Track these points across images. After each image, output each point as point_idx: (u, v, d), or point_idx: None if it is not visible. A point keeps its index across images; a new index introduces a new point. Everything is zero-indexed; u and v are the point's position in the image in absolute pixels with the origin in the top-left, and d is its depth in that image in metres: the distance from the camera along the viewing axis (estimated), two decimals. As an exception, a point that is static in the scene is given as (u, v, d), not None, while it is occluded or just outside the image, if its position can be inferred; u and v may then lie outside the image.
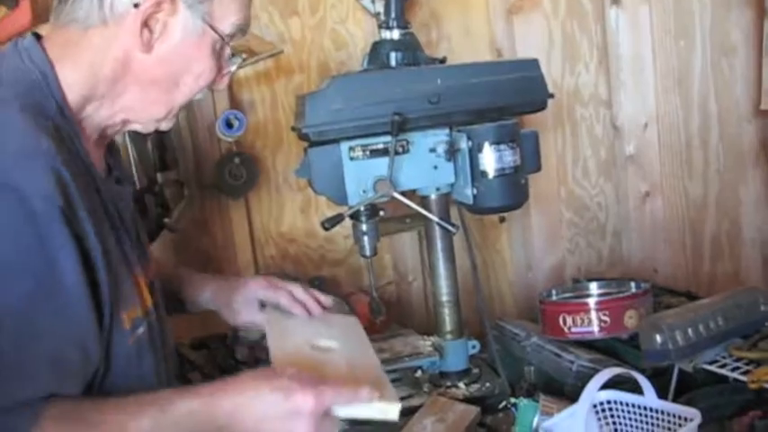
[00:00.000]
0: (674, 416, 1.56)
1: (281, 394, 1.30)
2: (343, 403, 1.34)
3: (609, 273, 2.81)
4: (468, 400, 1.97)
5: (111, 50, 1.42)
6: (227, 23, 1.48)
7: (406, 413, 1.91)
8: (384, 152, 1.90)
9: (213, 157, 2.46)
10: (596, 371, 1.60)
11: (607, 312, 1.98)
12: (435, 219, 1.99)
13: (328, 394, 1.32)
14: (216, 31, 1.46)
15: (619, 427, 1.64)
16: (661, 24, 2.74)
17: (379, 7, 2.12)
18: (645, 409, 1.60)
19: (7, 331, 1.22)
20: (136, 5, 1.39)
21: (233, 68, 1.57)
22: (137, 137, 2.23)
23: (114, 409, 1.30)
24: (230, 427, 1.30)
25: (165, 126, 1.57)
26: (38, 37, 1.48)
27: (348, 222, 1.97)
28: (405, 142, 1.94)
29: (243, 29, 1.51)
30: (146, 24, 1.41)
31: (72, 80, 1.42)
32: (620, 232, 2.87)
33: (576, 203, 2.83)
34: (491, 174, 1.90)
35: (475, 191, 1.92)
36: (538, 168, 2.05)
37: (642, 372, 1.66)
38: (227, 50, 1.52)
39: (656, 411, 1.59)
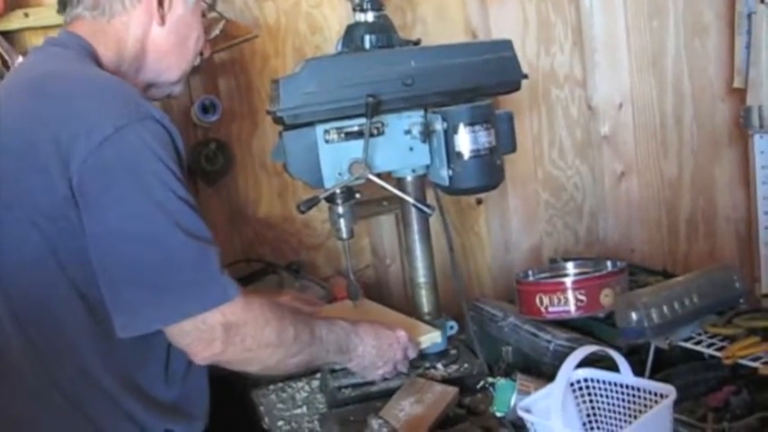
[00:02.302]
0: (651, 393, 1.56)
1: (390, 330, 1.88)
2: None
3: (586, 253, 2.83)
4: (446, 380, 1.98)
5: (131, 31, 1.77)
6: None
7: (385, 395, 1.92)
8: (359, 134, 1.90)
9: (189, 142, 2.45)
10: (573, 350, 1.60)
11: (583, 291, 1.99)
12: (411, 200, 1.99)
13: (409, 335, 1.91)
14: (204, 0, 1.87)
15: (596, 404, 1.65)
16: (634, 5, 2.75)
17: (354, -10, 2.11)
18: (621, 386, 1.61)
19: (194, 217, 1.55)
20: None
21: (217, 31, 2.02)
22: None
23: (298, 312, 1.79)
24: (357, 347, 1.82)
25: (177, 90, 1.94)
26: None
27: (325, 206, 1.98)
28: (380, 124, 1.94)
29: (214, 3, 1.94)
30: (158, 3, 1.77)
31: (106, 59, 1.75)
32: (596, 213, 2.88)
33: (552, 184, 2.84)
34: (466, 155, 1.90)
35: (450, 172, 1.92)
36: (513, 149, 2.06)
37: (618, 350, 1.66)
38: (207, 17, 1.92)
39: (633, 389, 1.59)
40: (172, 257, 1.52)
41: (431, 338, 1.98)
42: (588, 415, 1.65)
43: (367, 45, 2.01)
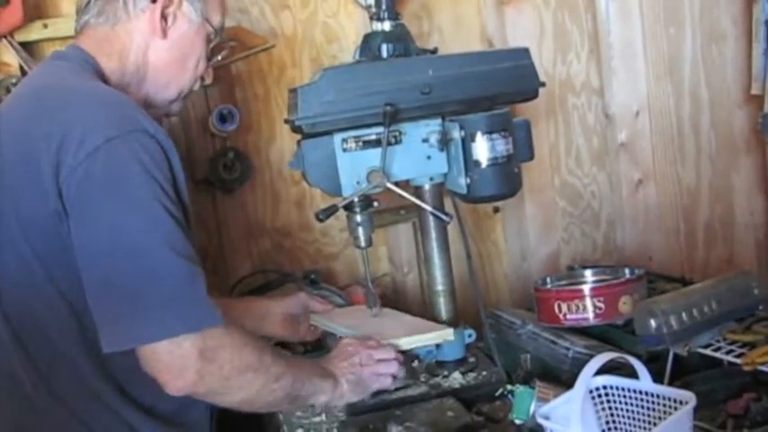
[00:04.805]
0: (670, 399, 1.56)
1: (335, 347, 1.92)
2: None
3: (604, 261, 2.82)
4: (465, 388, 1.99)
5: (134, 41, 1.77)
6: (215, 21, 1.85)
7: (405, 402, 1.93)
8: (377, 143, 1.91)
9: (207, 152, 2.47)
10: (592, 357, 1.60)
11: (602, 299, 1.99)
12: (429, 208, 2.00)
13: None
14: (210, 24, 1.83)
15: (615, 411, 1.64)
16: (651, 12, 2.75)
17: (371, -1, 2.12)
18: (640, 393, 1.61)
19: (181, 236, 1.53)
20: (153, 0, 1.75)
21: (219, 58, 1.94)
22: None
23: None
24: (333, 370, 1.83)
25: (175, 108, 1.90)
26: None
27: (343, 215, 1.98)
28: (397, 133, 1.94)
29: (221, 29, 1.89)
30: (162, 15, 1.76)
31: (109, 70, 1.76)
32: (613, 220, 2.88)
33: (569, 192, 2.84)
34: (484, 163, 1.91)
35: (468, 180, 1.93)
36: (531, 157, 2.06)
37: (637, 357, 1.66)
38: (212, 44, 1.87)
39: (652, 395, 1.59)
40: (156, 274, 1.50)
41: (443, 335, 1.96)
42: (607, 422, 1.65)
43: (384, 54, 2.01)
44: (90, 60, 1.74)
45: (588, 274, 2.28)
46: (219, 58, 1.95)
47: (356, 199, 1.93)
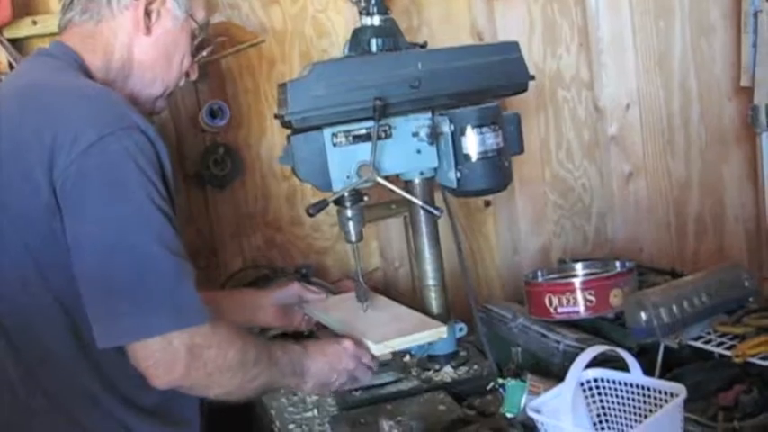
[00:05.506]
0: (661, 392, 1.56)
1: (336, 343, 1.85)
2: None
3: (595, 254, 2.82)
4: (456, 382, 1.99)
5: (118, 38, 1.77)
6: (199, 17, 1.86)
7: (396, 397, 1.93)
8: (367, 137, 1.91)
9: (197, 147, 2.46)
10: (582, 350, 1.60)
11: (592, 292, 1.99)
12: (419, 203, 2.00)
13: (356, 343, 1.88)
14: (194, 20, 1.84)
15: (606, 404, 1.65)
16: (640, 5, 2.75)
17: (360, -7, 2.12)
18: (631, 386, 1.61)
19: (172, 232, 1.55)
20: None
21: (204, 54, 1.95)
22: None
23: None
24: (309, 367, 1.78)
25: (159, 105, 1.90)
26: None
27: (334, 210, 1.98)
28: (387, 127, 1.94)
29: (206, 25, 1.89)
30: (146, 12, 1.76)
31: (94, 67, 1.76)
32: (604, 213, 2.88)
33: (560, 186, 2.84)
34: (474, 157, 1.91)
35: (458, 174, 1.93)
36: (521, 150, 2.06)
37: (628, 349, 1.66)
38: (196, 40, 1.88)
39: (643, 388, 1.59)
40: (149, 270, 1.51)
41: (438, 333, 1.93)
42: (598, 415, 1.65)
43: (374, 48, 2.01)
44: (75, 57, 1.74)
45: (579, 267, 2.29)
46: (205, 53, 1.96)
47: (346, 194, 1.93)
